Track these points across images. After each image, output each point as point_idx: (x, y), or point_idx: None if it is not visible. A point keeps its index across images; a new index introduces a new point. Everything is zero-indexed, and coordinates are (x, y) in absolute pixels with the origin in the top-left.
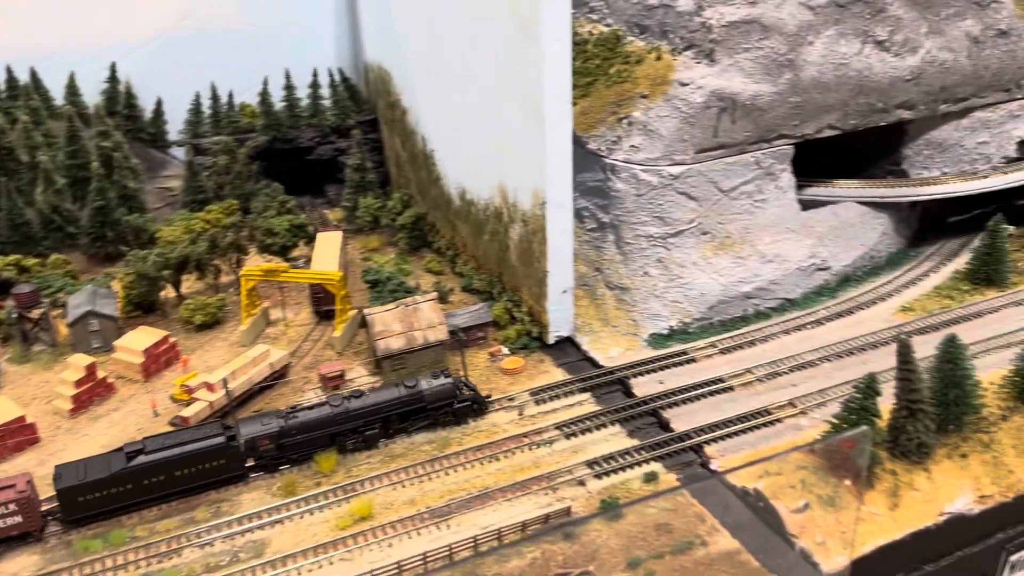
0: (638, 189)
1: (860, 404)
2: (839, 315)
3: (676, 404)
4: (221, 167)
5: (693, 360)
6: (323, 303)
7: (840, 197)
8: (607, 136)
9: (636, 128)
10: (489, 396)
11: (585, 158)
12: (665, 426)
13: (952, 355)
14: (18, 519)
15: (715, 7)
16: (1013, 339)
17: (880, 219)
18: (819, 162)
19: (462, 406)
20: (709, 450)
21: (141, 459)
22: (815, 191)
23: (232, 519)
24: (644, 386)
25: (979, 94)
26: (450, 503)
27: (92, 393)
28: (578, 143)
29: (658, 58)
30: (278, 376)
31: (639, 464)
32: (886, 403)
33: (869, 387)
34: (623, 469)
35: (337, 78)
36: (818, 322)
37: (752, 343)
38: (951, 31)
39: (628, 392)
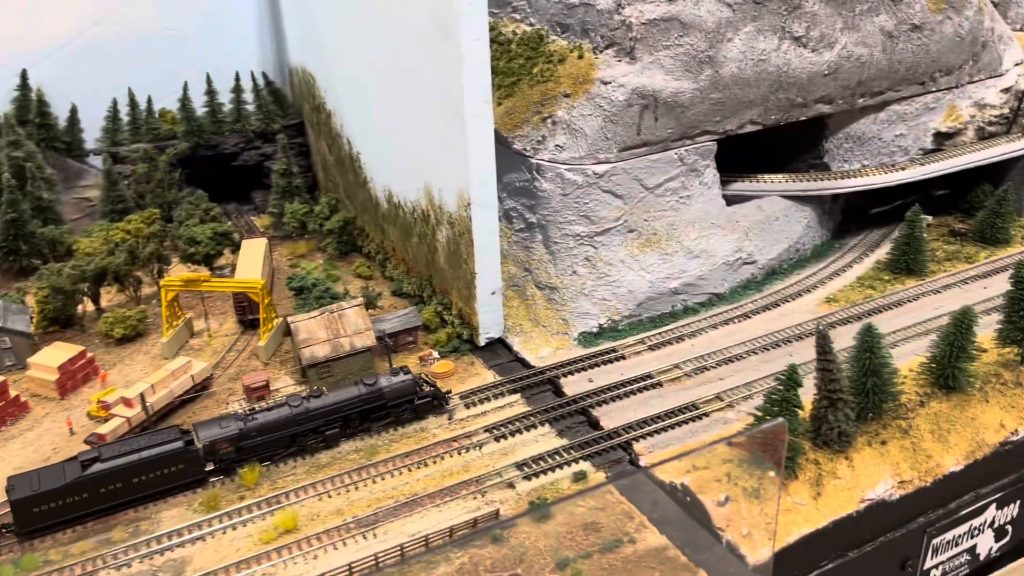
0: (564, 188)
1: (782, 396)
2: (765, 308)
3: (605, 402)
4: (141, 175)
5: (622, 357)
6: (247, 312)
7: (764, 192)
8: (532, 136)
9: (560, 127)
10: (449, 392)
11: (511, 158)
12: (594, 424)
13: (869, 344)
14: None
15: (634, 5)
16: (931, 326)
17: (804, 212)
18: (743, 157)
19: (423, 402)
20: (638, 447)
21: (97, 467)
22: (740, 186)
23: (151, 537)
24: (574, 385)
25: (895, 88)
26: (377, 511)
27: (4, 413)
28: (503, 143)
29: (580, 57)
30: (200, 388)
31: (568, 464)
32: (810, 394)
33: (790, 379)
34: (552, 470)
35: (261, 82)
36: (745, 316)
37: (680, 338)
38: (866, 26)
39: (558, 392)
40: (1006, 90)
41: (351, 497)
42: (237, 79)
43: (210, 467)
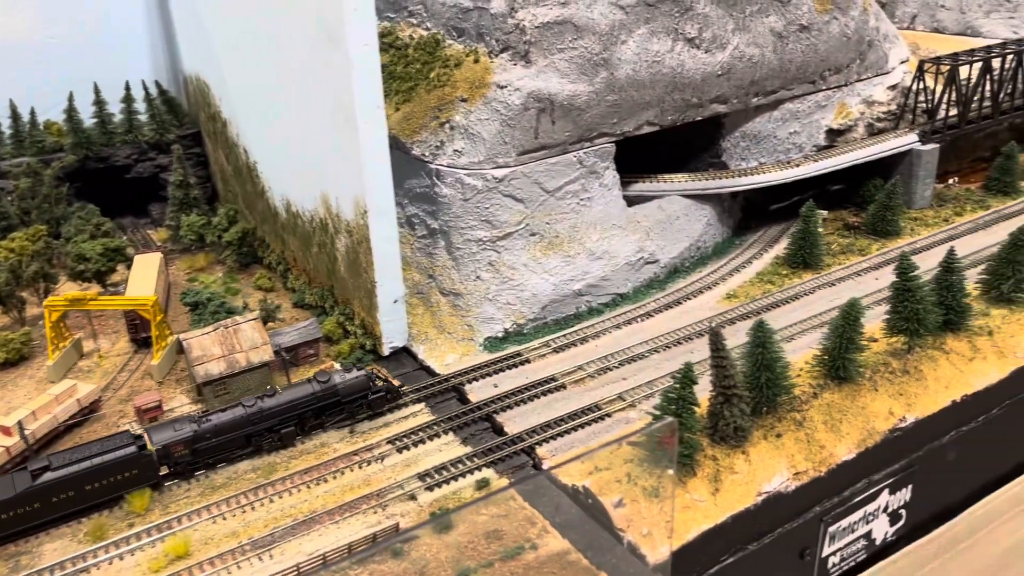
0: (464, 194)
1: (678, 394)
2: (668, 306)
3: (510, 407)
4: (25, 191)
5: (527, 361)
6: (140, 330)
7: (664, 191)
8: (430, 141)
9: (458, 132)
10: (402, 385)
11: (411, 164)
12: (499, 430)
13: (762, 340)
14: None
15: (528, 9)
16: (826, 318)
17: (704, 211)
18: (643, 158)
19: (376, 397)
20: (541, 451)
21: (48, 476)
22: (640, 187)
23: (31, 572)
24: (479, 391)
25: (787, 87)
26: (274, 532)
27: None
28: (402, 149)
29: (476, 61)
30: (88, 412)
31: (471, 472)
32: (707, 391)
33: (686, 376)
34: (455, 479)
35: (153, 91)
36: (648, 314)
37: (585, 340)
38: (756, 27)
39: (463, 399)
40: (893, 87)
41: (247, 518)
42: (127, 88)
43: (164, 471)
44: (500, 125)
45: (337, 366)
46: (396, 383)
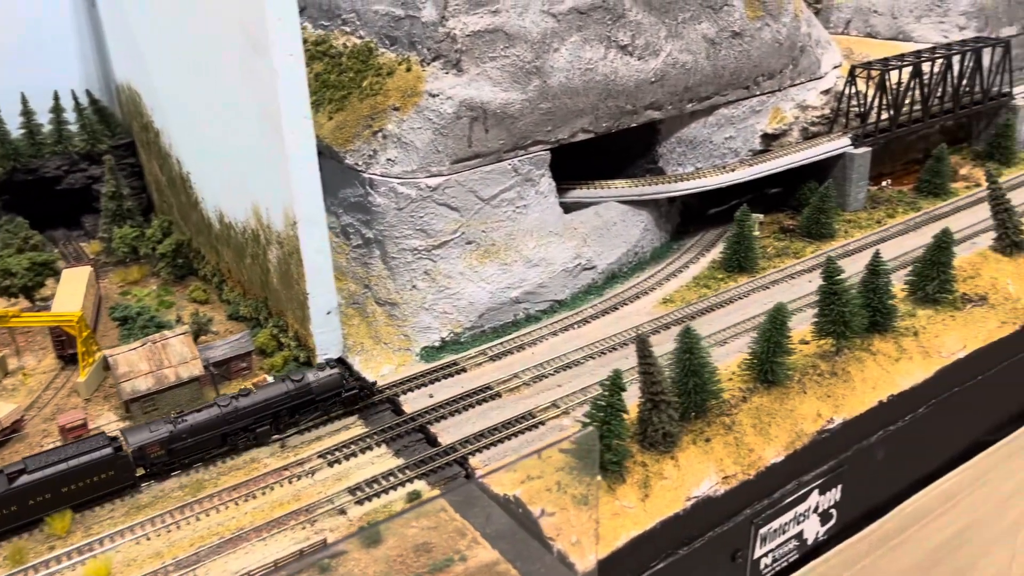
0: (398, 203)
1: (607, 401)
2: (604, 312)
3: (444, 417)
4: None
5: (464, 370)
6: (67, 347)
7: (601, 198)
8: (363, 150)
9: (391, 141)
10: (375, 383)
11: (344, 173)
12: (432, 441)
13: (689, 345)
14: None
15: (459, 17)
16: (758, 322)
17: (641, 216)
18: (580, 165)
19: (350, 394)
20: (474, 461)
21: (24, 479)
22: (577, 193)
23: None
24: (413, 402)
25: (721, 92)
26: (199, 551)
27: None
28: (336, 158)
29: (408, 69)
30: (10, 432)
31: (402, 484)
32: (636, 397)
33: (614, 384)
34: (386, 492)
35: (84, 100)
36: (585, 321)
37: (522, 347)
38: (689, 34)
39: (397, 410)
40: (826, 92)
41: (172, 537)
42: (56, 98)
43: (141, 472)
44: (433, 134)
45: (269, 379)
46: (371, 380)
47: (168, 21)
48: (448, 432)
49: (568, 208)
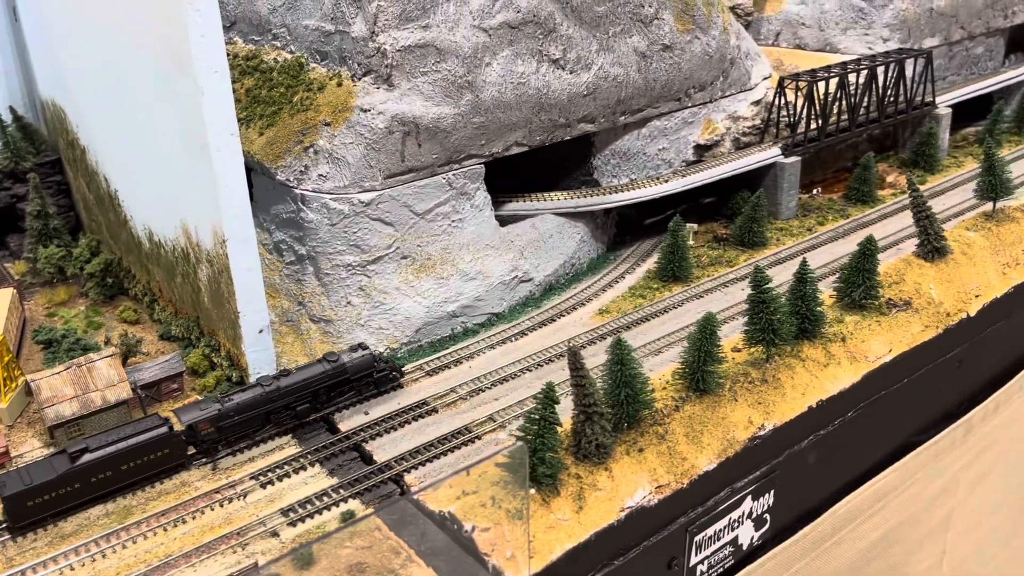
0: (331, 218)
1: (540, 415)
2: (541, 324)
3: (380, 434)
4: None
5: (400, 386)
6: None
7: (538, 210)
8: (295, 166)
9: (322, 157)
10: (403, 366)
11: (276, 190)
12: (368, 459)
13: (620, 357)
14: None
15: (388, 32)
16: (691, 331)
17: (577, 228)
18: (517, 177)
19: (381, 375)
20: (409, 478)
21: (87, 458)
22: (514, 206)
23: None
24: (349, 420)
25: (653, 105)
26: None
27: None
28: (267, 174)
29: (339, 85)
30: None
31: (336, 504)
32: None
33: (547, 397)
34: (320, 512)
35: (7, 117)
36: (522, 333)
37: (459, 361)
38: (620, 47)
39: (332, 429)
40: (756, 103)
41: (98, 567)
42: None
43: (191, 451)
44: (365, 149)
45: (200, 398)
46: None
47: (90, 36)
48: (384, 449)
49: (504, 221)
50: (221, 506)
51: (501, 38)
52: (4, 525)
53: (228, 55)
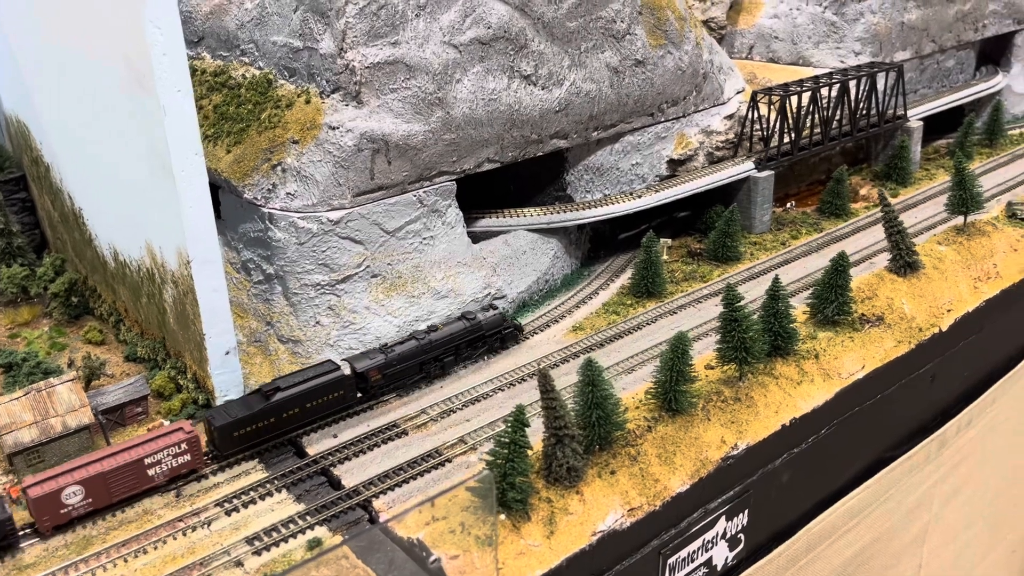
0: (299, 237)
1: (510, 438)
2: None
3: (348, 458)
4: None
5: (370, 408)
6: None
7: (511, 226)
8: (262, 184)
9: (290, 175)
10: (522, 325)
11: (244, 208)
12: (336, 484)
13: (591, 378)
14: (187, 457)
15: (357, 49)
16: (665, 348)
17: (550, 244)
18: (489, 194)
19: (508, 332)
20: (378, 503)
21: (279, 396)
22: (487, 223)
23: None
24: (318, 443)
25: (625, 120)
26: None
27: None
28: (235, 192)
29: (307, 102)
30: None
31: (303, 531)
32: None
33: (517, 420)
34: (286, 540)
35: None
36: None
37: (429, 381)
38: (592, 63)
39: (300, 452)
40: (730, 117)
41: None
42: None
43: (359, 395)
44: (333, 167)
45: (166, 423)
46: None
47: (54, 54)
48: (352, 474)
49: (477, 238)
50: (184, 535)
51: (472, 54)
52: (213, 453)
53: (196, 71)
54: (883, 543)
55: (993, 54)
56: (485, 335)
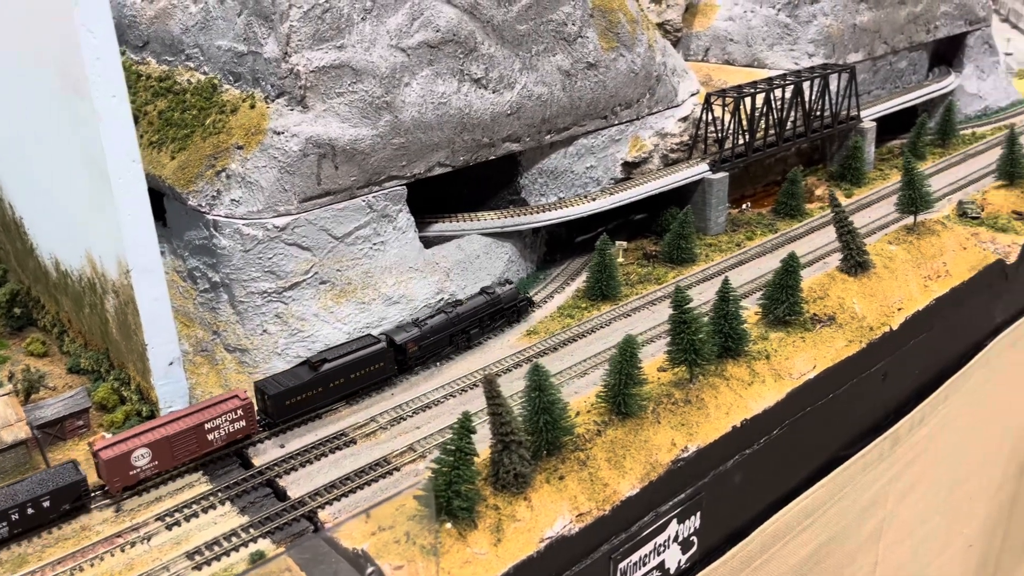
0: (244, 244)
1: (456, 446)
2: (468, 347)
3: (295, 468)
4: None
5: (318, 417)
6: None
7: (464, 231)
8: (207, 191)
9: (235, 181)
10: (532, 300)
11: (188, 215)
12: (281, 495)
13: (538, 383)
14: (243, 423)
15: (302, 53)
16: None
17: (505, 248)
18: (444, 198)
19: (522, 304)
20: (324, 514)
21: (326, 367)
22: (440, 227)
23: None
24: (264, 453)
25: (579, 123)
26: None
27: None
28: (179, 199)
29: (252, 107)
30: None
31: (246, 544)
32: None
33: (463, 427)
34: (227, 554)
35: None
36: (446, 357)
37: (380, 388)
38: (544, 66)
39: (246, 463)
40: (684, 119)
41: None
42: None
43: (395, 367)
44: (278, 172)
45: (108, 436)
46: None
47: None
48: (298, 484)
49: (430, 242)
50: (123, 551)
51: (420, 58)
52: (265, 421)
53: (141, 76)
54: (838, 542)
55: (946, 55)
56: (504, 308)
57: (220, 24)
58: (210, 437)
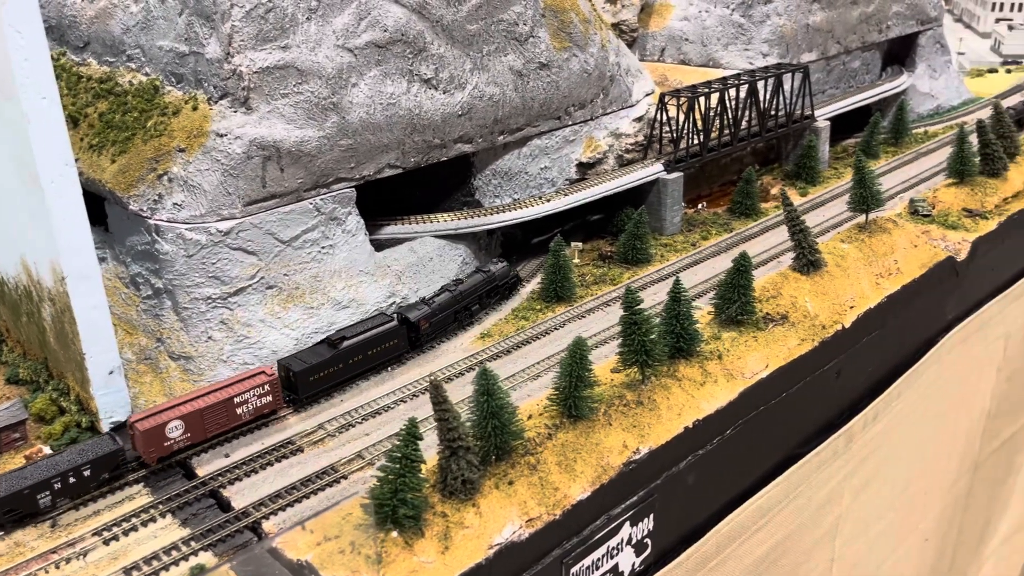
0: (187, 249)
1: (402, 452)
2: (420, 351)
3: (240, 478)
4: None
5: (265, 424)
6: None
7: (417, 233)
8: (148, 195)
9: (177, 184)
10: (520, 277)
11: (130, 220)
12: (225, 506)
13: (486, 387)
14: (269, 398)
15: (245, 53)
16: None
17: (458, 250)
18: (396, 200)
19: (513, 280)
20: (268, 525)
21: (346, 344)
22: (392, 230)
23: None
24: (208, 463)
25: (532, 123)
26: None
27: None
28: (120, 204)
29: (195, 108)
30: None
31: (186, 558)
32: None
33: (409, 433)
34: (167, 568)
35: None
36: (398, 361)
37: (328, 395)
38: (495, 66)
39: (189, 474)
40: (639, 119)
41: None
42: None
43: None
44: (222, 175)
45: (47, 449)
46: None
47: None
48: (243, 495)
49: (381, 245)
50: (57, 567)
51: (368, 58)
52: (291, 397)
53: (82, 77)
54: (794, 539)
55: (899, 55)
56: (499, 284)
57: (161, 24)
58: (239, 411)
